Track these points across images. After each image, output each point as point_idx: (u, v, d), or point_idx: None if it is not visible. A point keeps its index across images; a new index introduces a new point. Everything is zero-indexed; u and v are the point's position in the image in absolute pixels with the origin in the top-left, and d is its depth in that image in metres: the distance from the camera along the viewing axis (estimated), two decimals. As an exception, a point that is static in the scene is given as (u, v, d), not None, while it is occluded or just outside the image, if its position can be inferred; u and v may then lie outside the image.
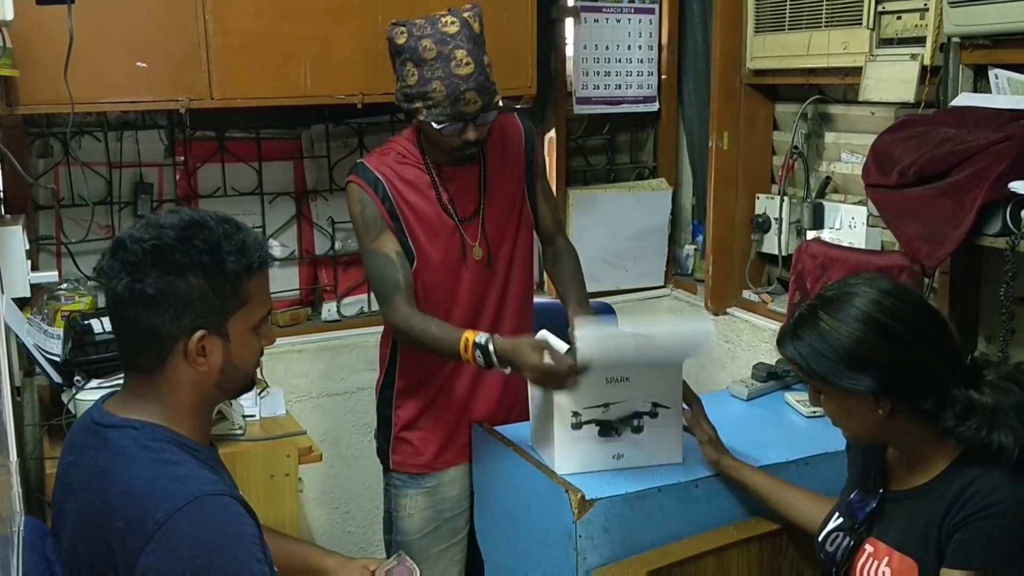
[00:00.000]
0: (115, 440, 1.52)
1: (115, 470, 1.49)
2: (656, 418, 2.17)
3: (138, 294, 1.49)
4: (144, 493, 1.45)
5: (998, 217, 2.12)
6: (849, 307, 1.65)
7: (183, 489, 1.45)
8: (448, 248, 2.37)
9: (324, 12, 2.82)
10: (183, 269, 1.50)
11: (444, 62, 2.19)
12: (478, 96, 2.21)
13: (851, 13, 2.76)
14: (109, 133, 3.05)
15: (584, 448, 2.16)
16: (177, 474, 1.49)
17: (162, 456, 1.51)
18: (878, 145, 2.43)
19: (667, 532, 2.08)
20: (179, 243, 1.51)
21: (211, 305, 1.53)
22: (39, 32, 2.28)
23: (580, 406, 2.14)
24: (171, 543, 1.41)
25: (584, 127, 3.70)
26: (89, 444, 1.56)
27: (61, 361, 2.43)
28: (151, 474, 1.48)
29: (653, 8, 3.67)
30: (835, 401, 1.70)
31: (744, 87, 3.29)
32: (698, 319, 2.22)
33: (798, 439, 2.33)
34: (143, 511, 1.43)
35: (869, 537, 1.75)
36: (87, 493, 1.51)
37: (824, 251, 2.71)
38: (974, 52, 2.39)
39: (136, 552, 1.41)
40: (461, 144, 2.27)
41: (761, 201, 3.31)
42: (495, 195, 2.41)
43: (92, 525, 1.48)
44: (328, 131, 3.29)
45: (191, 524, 1.42)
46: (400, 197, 2.33)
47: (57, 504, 1.61)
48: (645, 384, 2.16)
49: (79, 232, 3.02)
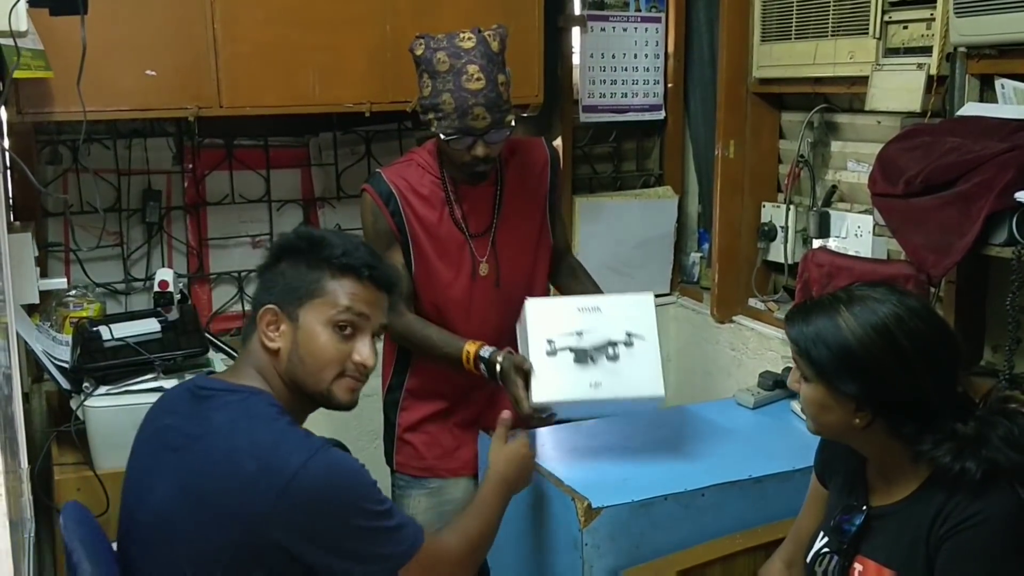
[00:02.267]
0: (236, 403, 1.67)
1: (239, 424, 1.64)
2: (631, 347, 2.17)
3: (259, 273, 1.80)
4: (274, 442, 1.60)
5: (1004, 227, 2.12)
6: (871, 312, 1.61)
7: (309, 440, 1.63)
8: (458, 264, 2.39)
9: (333, 21, 2.83)
10: (280, 255, 1.76)
11: (456, 75, 2.21)
12: (487, 112, 2.22)
13: (858, 22, 2.76)
14: (118, 141, 3.07)
15: (561, 375, 2.16)
16: (299, 430, 1.67)
17: (281, 415, 1.68)
18: (884, 154, 2.44)
19: (673, 540, 2.09)
20: (290, 238, 1.79)
21: (289, 287, 1.72)
22: (49, 41, 2.30)
23: (553, 333, 2.16)
24: (302, 490, 1.55)
25: (590, 135, 3.71)
26: (196, 407, 1.69)
27: (70, 367, 2.45)
28: (277, 428, 1.64)
29: (659, 17, 3.68)
30: (816, 393, 1.66)
31: (750, 96, 3.30)
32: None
33: (804, 448, 2.30)
34: (276, 458, 1.57)
35: (858, 555, 1.71)
36: (196, 450, 1.63)
37: (830, 260, 2.71)
38: (980, 62, 2.39)
39: (265, 499, 1.54)
40: (471, 160, 2.28)
41: (767, 209, 3.32)
42: (509, 216, 2.42)
43: (206, 477, 1.60)
44: (336, 139, 3.30)
45: (325, 468, 1.58)
46: (411, 210, 2.35)
47: (143, 464, 1.73)
48: (616, 313, 2.19)
49: (87, 239, 3.04)
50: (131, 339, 2.52)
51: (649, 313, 2.21)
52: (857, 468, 1.77)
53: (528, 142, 2.49)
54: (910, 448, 1.62)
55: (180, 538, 1.61)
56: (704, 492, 2.13)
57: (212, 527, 1.57)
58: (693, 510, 2.11)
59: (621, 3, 3.64)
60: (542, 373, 2.16)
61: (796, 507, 2.03)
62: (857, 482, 1.76)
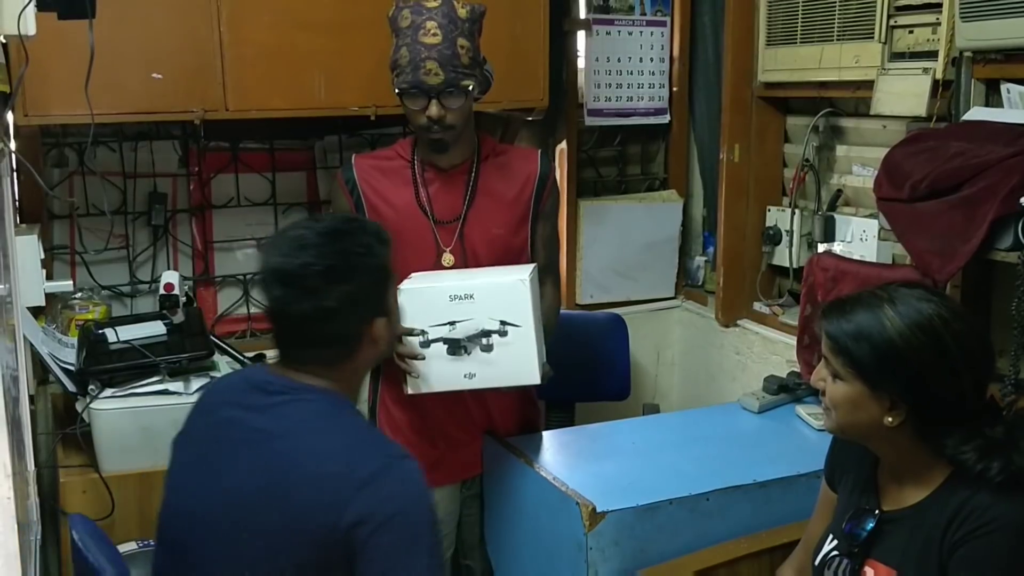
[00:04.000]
0: (308, 401, 1.70)
1: (311, 425, 1.67)
2: (506, 336, 2.16)
3: (323, 312, 1.68)
4: (350, 445, 1.65)
5: (1010, 231, 2.12)
6: (916, 311, 1.59)
7: (385, 447, 1.69)
8: (420, 248, 2.36)
9: (338, 24, 2.83)
10: (352, 275, 1.70)
11: (414, 31, 2.23)
12: (440, 68, 2.22)
13: (863, 27, 2.76)
14: (124, 143, 3.07)
15: (434, 367, 2.15)
16: (374, 433, 1.74)
17: (355, 419, 1.73)
18: (890, 159, 2.44)
19: (678, 544, 2.09)
20: (342, 255, 1.70)
21: (379, 293, 1.77)
22: (56, 44, 2.30)
23: (425, 324, 2.15)
24: (383, 490, 1.58)
25: (595, 138, 3.71)
26: (267, 401, 1.71)
27: (76, 370, 2.45)
28: (352, 431, 1.69)
29: (665, 21, 3.68)
30: (850, 390, 1.64)
31: (755, 99, 3.30)
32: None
33: (809, 452, 2.32)
34: (359, 457, 1.62)
35: (868, 559, 1.70)
36: (276, 448, 1.65)
37: (835, 264, 2.71)
38: (986, 66, 2.39)
39: (346, 498, 1.57)
40: (426, 123, 2.27)
41: (772, 213, 3.32)
42: (481, 211, 2.39)
43: (288, 475, 1.62)
44: (341, 142, 3.31)
45: (398, 476, 1.61)
46: (371, 189, 2.38)
47: (204, 453, 1.74)
48: (489, 301, 2.15)
49: (93, 241, 3.05)
50: (137, 342, 2.53)
51: (523, 298, 2.16)
52: (869, 471, 1.77)
53: (521, 150, 2.48)
54: (933, 450, 1.62)
55: (255, 531, 1.63)
56: (708, 496, 2.13)
57: (291, 527, 1.60)
58: (698, 514, 2.12)
59: (626, 7, 3.64)
60: (416, 366, 2.16)
61: (801, 511, 2.03)
62: (868, 486, 1.76)
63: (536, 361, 2.17)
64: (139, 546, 2.33)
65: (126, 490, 2.40)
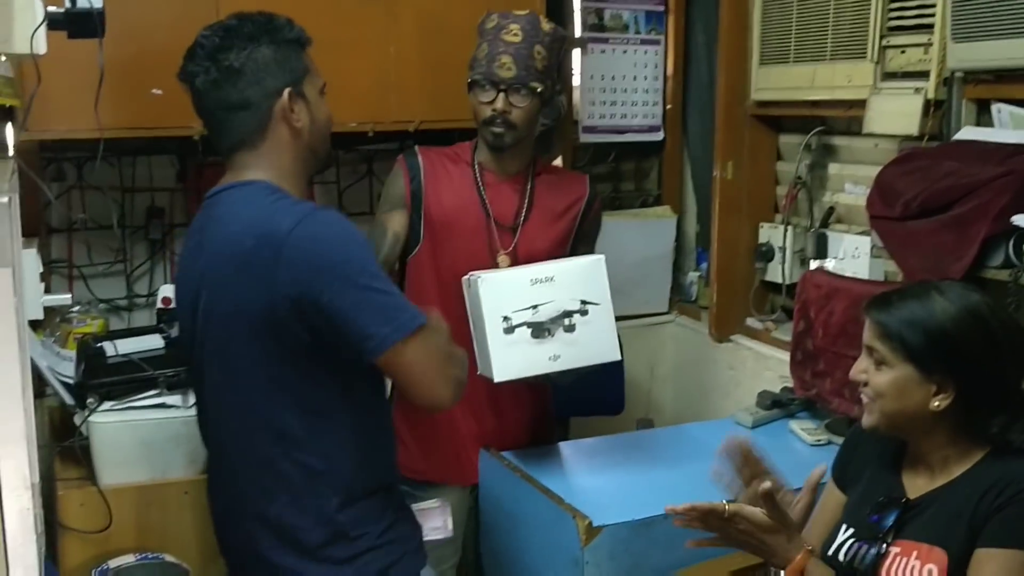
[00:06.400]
0: (234, 194, 1.80)
1: (238, 210, 1.76)
2: (587, 316, 2.20)
3: (225, 72, 1.75)
4: (268, 215, 1.71)
5: (1001, 250, 2.15)
6: (965, 299, 1.67)
7: (302, 206, 1.73)
8: (474, 244, 2.40)
9: (336, 42, 2.84)
10: (255, 39, 1.77)
11: (497, 30, 2.34)
12: (513, 64, 2.30)
13: (855, 47, 2.79)
14: (122, 158, 3.08)
15: (520, 352, 2.17)
16: (293, 200, 1.75)
17: (278, 195, 1.76)
18: (882, 177, 2.47)
19: (674, 558, 2.10)
20: (242, 23, 1.79)
21: (287, 68, 1.79)
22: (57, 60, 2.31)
23: (509, 310, 2.17)
24: (303, 242, 1.66)
25: (590, 155, 3.74)
26: (206, 213, 1.84)
27: (75, 383, 2.46)
28: (270, 203, 1.73)
29: (659, 40, 3.72)
30: (899, 376, 1.68)
31: (748, 118, 3.33)
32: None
33: (802, 468, 2.31)
34: (271, 226, 1.68)
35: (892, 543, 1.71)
36: (205, 246, 1.80)
37: (828, 281, 2.74)
38: (977, 87, 2.42)
39: (272, 261, 1.66)
40: (491, 115, 2.33)
41: (765, 230, 3.34)
42: (535, 221, 2.45)
43: (218, 265, 1.75)
44: (338, 158, 3.32)
45: (317, 224, 1.68)
46: (434, 179, 2.42)
47: (192, 283, 1.85)
48: (569, 281, 2.20)
49: (91, 255, 3.06)
50: (135, 355, 2.54)
51: (602, 276, 2.22)
52: (889, 466, 1.80)
53: (572, 172, 2.59)
54: (970, 435, 1.68)
55: (230, 326, 1.76)
56: (704, 511, 2.14)
57: (243, 307, 1.71)
58: (693, 529, 2.12)
59: (621, 26, 3.68)
60: (501, 351, 2.16)
61: (795, 526, 2.04)
62: (893, 477, 1.78)
63: (616, 338, 2.23)
64: (136, 559, 2.33)
65: (124, 503, 2.41)
